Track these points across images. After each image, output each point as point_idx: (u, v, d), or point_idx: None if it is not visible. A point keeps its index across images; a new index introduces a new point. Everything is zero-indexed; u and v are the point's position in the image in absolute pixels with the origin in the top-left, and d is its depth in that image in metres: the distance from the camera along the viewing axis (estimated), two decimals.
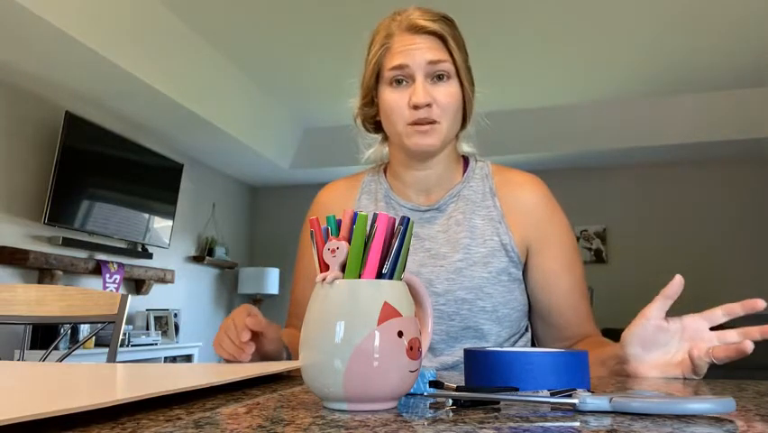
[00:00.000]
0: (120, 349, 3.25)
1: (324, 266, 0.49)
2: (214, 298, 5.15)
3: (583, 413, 0.44)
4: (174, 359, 4.14)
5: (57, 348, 2.91)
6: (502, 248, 0.97)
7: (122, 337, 2.66)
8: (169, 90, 3.48)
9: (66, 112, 3.33)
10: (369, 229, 0.49)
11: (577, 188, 5.13)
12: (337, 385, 0.44)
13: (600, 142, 4.64)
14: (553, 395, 0.47)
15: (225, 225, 5.35)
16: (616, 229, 5.12)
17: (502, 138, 4.47)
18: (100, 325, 1.21)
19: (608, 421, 0.40)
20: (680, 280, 0.71)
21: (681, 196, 5.02)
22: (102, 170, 3.63)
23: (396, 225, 0.49)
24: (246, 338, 0.76)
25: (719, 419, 0.41)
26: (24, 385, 0.54)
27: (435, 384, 0.51)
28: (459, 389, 0.50)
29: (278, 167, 5.11)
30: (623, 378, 0.73)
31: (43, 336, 3.08)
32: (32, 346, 2.97)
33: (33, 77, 3.16)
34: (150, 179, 4.06)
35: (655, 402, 0.41)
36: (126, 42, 3.10)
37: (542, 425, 0.40)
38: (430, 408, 0.47)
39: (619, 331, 0.77)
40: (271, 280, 5.18)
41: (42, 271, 3.28)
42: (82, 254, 3.59)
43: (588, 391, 0.48)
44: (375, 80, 0.97)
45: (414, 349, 0.45)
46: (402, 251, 0.49)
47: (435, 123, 0.92)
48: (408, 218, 0.49)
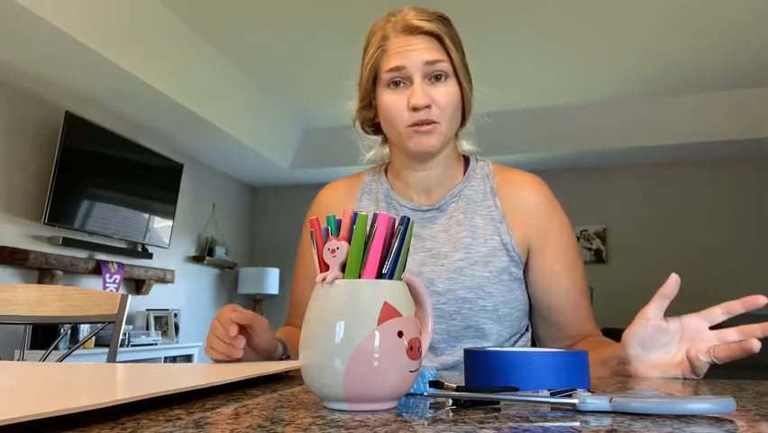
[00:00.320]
0: (120, 349, 3.25)
1: (324, 266, 0.49)
2: (214, 298, 5.15)
3: (583, 413, 0.44)
4: (174, 359, 4.14)
5: (57, 348, 2.91)
6: (503, 248, 0.97)
7: (122, 337, 2.66)
8: (169, 90, 3.48)
9: (66, 112, 3.33)
10: (369, 229, 0.49)
11: (577, 188, 5.12)
12: (337, 385, 0.44)
13: (600, 142, 4.64)
14: (553, 395, 0.47)
15: (225, 225, 5.35)
16: (616, 229, 5.12)
17: (502, 138, 4.47)
18: (100, 325, 1.21)
19: (608, 421, 0.40)
20: (676, 278, 0.71)
21: (681, 196, 5.02)
22: (102, 170, 3.63)
23: (396, 225, 0.49)
24: (234, 332, 0.75)
25: (719, 419, 0.41)
26: (24, 385, 0.53)
27: (435, 384, 0.51)
28: (459, 389, 0.50)
29: (278, 167, 5.11)
30: (623, 378, 0.73)
31: (43, 336, 3.08)
32: (32, 346, 2.97)
33: (33, 77, 3.16)
34: (150, 179, 4.06)
35: (655, 402, 0.41)
36: (126, 42, 3.10)
37: (542, 425, 0.40)
38: (430, 408, 0.47)
39: (619, 331, 0.77)
40: (271, 281, 5.18)
41: (42, 272, 3.28)
42: (82, 254, 3.59)
43: (588, 392, 0.48)
44: (372, 83, 0.97)
45: (414, 349, 0.45)
46: (402, 251, 0.49)
47: (435, 123, 0.92)
48: (408, 218, 0.49)
